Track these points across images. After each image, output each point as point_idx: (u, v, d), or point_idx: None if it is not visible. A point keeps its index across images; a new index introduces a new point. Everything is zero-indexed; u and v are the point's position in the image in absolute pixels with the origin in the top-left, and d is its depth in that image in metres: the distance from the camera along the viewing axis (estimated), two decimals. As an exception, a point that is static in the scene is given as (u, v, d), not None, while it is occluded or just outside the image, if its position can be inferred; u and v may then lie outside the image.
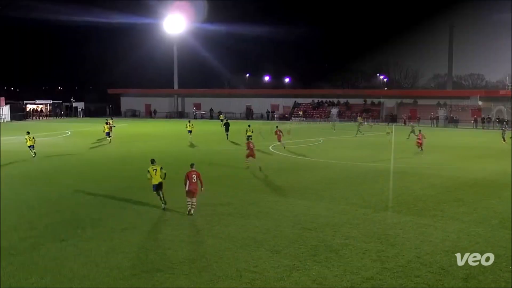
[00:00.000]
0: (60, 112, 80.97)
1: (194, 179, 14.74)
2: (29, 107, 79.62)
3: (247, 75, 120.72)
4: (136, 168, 23.36)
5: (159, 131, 50.23)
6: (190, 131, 37.55)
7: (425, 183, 20.00)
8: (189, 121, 39.89)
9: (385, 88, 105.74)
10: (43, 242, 12.18)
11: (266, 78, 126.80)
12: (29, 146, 27.48)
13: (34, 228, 13.36)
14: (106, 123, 37.37)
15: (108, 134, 36.45)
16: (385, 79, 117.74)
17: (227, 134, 39.93)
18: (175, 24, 78.40)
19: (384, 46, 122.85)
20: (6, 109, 70.51)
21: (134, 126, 56.81)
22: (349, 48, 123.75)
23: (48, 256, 11.16)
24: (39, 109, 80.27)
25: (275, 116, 74.18)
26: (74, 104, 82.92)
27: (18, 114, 71.55)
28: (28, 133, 28.12)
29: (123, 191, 18.34)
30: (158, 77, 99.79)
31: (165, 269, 10.39)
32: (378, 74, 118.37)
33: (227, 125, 40.92)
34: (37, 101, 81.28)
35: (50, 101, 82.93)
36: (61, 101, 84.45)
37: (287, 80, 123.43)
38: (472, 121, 59.48)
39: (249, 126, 35.03)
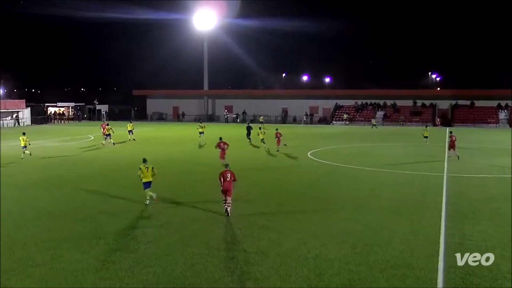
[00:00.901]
0: (82, 115, 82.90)
1: (228, 178, 16.04)
2: (51, 109, 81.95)
3: (284, 74, 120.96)
4: (164, 173, 23.66)
5: (187, 135, 50.65)
6: (201, 133, 39.57)
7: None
8: (201, 122, 41.20)
9: (438, 88, 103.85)
10: (63, 253, 12.43)
11: (305, 78, 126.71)
12: (23, 147, 30.21)
13: (54, 238, 13.65)
14: (107, 125, 39.81)
15: (108, 135, 38.60)
16: (437, 78, 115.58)
17: (249, 139, 40.68)
18: (205, 20, 79.00)
19: (437, 40, 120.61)
20: (26, 112, 72.75)
21: (161, 130, 57.59)
22: (396, 43, 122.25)
23: (68, 269, 11.37)
24: (60, 112, 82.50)
25: (313, 119, 73.92)
26: (98, 107, 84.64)
27: (39, 117, 73.51)
28: (24, 133, 31.22)
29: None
30: (187, 77, 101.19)
31: (195, 286, 10.42)
32: (429, 73, 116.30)
33: (249, 129, 41.63)
34: (59, 104, 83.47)
35: (72, 104, 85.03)
36: (83, 103, 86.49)
37: (327, 79, 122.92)
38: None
39: (260, 128, 36.31)
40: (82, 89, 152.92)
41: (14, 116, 70.32)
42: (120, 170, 26.49)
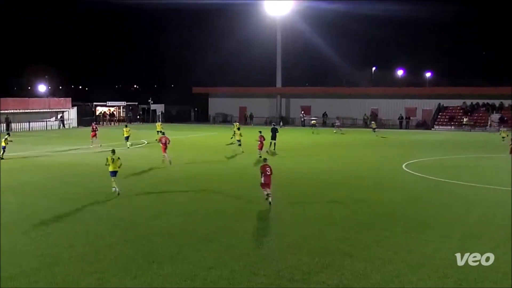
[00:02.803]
0: (134, 116, 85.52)
1: (268, 172, 20.43)
2: (99, 109, 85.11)
3: (373, 69, 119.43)
4: (231, 188, 24.01)
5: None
6: (239, 141, 39.66)
7: None
8: (238, 128, 41.60)
9: None
10: (110, 277, 12.82)
11: (399, 73, 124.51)
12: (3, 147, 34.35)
13: (101, 260, 14.11)
14: (126, 126, 44.45)
15: (127, 138, 41.84)
16: None
17: (272, 143, 41.08)
18: (279, 3, 79.37)
19: None
20: (72, 112, 75.89)
21: (226, 135, 58.29)
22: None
23: (116, 296, 11.72)
24: (110, 112, 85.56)
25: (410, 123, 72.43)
26: (152, 107, 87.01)
27: (87, 118, 76.25)
28: (8, 134, 36.24)
29: (210, 218, 18.89)
30: (256, 73, 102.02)
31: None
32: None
33: (274, 131, 41.78)
34: (109, 103, 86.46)
35: (123, 103, 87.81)
36: (136, 103, 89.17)
37: (428, 75, 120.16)
38: None
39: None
40: (135, 86, 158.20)
41: (59, 116, 73.61)
42: (175, 183, 27.06)
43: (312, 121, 67.41)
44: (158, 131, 48.02)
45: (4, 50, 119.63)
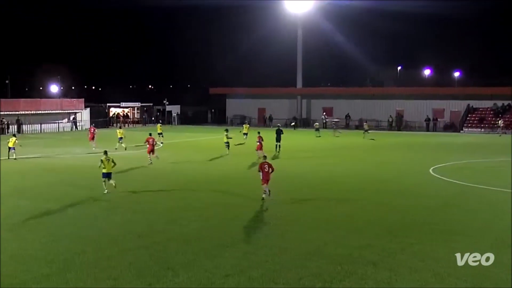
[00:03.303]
0: (149, 118, 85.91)
1: (266, 169, 22.31)
2: (113, 111, 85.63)
3: (399, 68, 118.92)
4: (248, 192, 24.04)
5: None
6: (227, 143, 39.91)
7: None
8: (226, 130, 41.95)
9: None
10: (124, 284, 12.89)
11: (426, 72, 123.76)
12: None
13: (115, 266, 14.19)
14: (120, 128, 46.42)
15: (120, 139, 43.13)
16: None
17: (277, 145, 41.45)
18: (300, 1, 79.34)
19: None
20: (86, 114, 76.42)
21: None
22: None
23: (130, 304, 11.79)
24: (124, 114, 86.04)
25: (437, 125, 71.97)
26: (168, 108, 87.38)
27: (100, 120, 76.75)
28: (14, 135, 38.86)
29: (226, 223, 18.96)
30: (276, 73, 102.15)
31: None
32: None
33: (278, 133, 42.03)
34: (123, 104, 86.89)
35: (138, 104, 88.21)
36: (151, 104, 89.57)
37: (456, 74, 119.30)
38: None
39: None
40: (150, 86, 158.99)
41: (71, 118, 74.17)
42: (190, 187, 27.16)
43: (316, 124, 66.47)
44: (158, 133, 49.03)
45: (16, 49, 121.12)
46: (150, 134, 35.96)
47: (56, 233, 17.41)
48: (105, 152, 24.96)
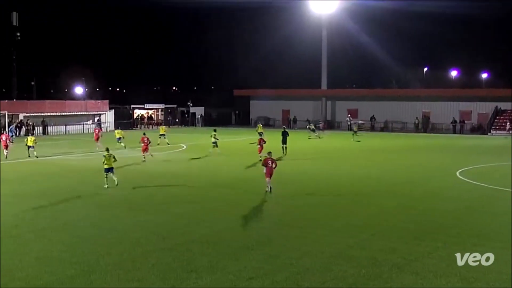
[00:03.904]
0: (173, 119, 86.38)
1: (270, 164, 23.79)
2: (137, 112, 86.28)
3: (425, 69, 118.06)
4: (269, 194, 24.08)
5: (304, 146, 50.92)
6: (215, 142, 40.94)
7: None
8: (214, 130, 42.85)
9: None
10: (148, 286, 13.01)
11: (453, 73, 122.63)
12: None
13: (139, 268, 14.31)
14: (118, 128, 48.90)
15: (119, 139, 45.06)
16: None
17: (283, 147, 41.42)
18: (325, 2, 79.22)
19: None
20: (110, 115, 77.12)
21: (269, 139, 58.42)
22: None
23: (153, 306, 11.87)
24: (148, 115, 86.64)
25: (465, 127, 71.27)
26: (192, 110, 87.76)
27: (124, 121, 77.25)
28: (31, 134, 39.51)
29: (250, 226, 19.01)
30: (300, 74, 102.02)
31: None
32: None
33: (284, 135, 41.94)
34: (147, 105, 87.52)
35: (162, 105, 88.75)
36: (175, 105, 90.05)
37: (484, 76, 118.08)
38: None
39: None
40: (174, 88, 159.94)
41: (96, 119, 74.86)
42: (213, 189, 27.26)
43: (311, 126, 65.00)
44: (160, 135, 50.32)
45: (42, 51, 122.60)
46: (144, 134, 37.76)
47: (81, 235, 17.60)
48: (107, 149, 26.87)
